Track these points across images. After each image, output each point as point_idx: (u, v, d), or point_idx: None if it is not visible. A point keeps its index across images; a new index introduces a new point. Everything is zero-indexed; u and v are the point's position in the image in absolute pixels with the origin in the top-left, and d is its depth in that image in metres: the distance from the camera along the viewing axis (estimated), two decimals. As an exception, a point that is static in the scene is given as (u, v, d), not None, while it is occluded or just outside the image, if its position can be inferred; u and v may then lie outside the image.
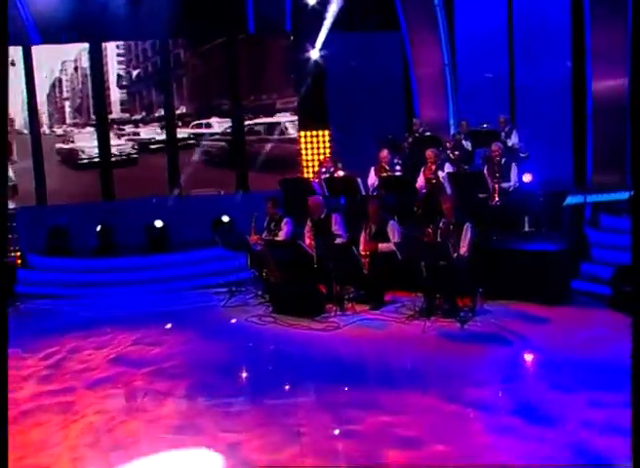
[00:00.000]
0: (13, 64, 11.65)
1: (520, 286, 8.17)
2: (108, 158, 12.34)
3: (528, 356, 6.91)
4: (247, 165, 12.56)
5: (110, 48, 12.53)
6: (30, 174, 12.11)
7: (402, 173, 10.34)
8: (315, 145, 12.58)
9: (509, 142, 10.51)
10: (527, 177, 9.47)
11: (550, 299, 8.07)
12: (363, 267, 8.06)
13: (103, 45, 12.41)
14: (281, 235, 8.85)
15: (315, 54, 12.39)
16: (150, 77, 12.77)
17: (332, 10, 12.11)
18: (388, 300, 8.45)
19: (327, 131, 12.63)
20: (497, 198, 9.06)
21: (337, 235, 8.47)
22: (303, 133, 12.64)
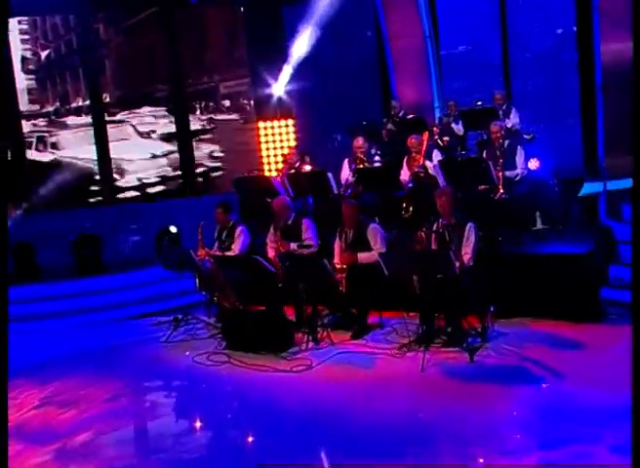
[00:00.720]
0: None
1: (537, 299, 7.14)
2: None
3: (567, 400, 5.23)
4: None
5: (12, 24, 10.99)
6: None
7: (382, 164, 9.19)
8: (278, 137, 11.59)
9: (509, 123, 9.42)
10: (533, 164, 8.57)
11: (577, 315, 7.00)
12: (339, 284, 6.97)
13: (3, 21, 11.21)
14: (235, 248, 7.77)
15: (272, 25, 11.26)
16: (63, 59, 11.50)
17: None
18: (373, 324, 7.26)
19: (291, 119, 11.63)
20: (501, 190, 7.82)
21: (308, 245, 7.47)
22: (263, 124, 11.60)
